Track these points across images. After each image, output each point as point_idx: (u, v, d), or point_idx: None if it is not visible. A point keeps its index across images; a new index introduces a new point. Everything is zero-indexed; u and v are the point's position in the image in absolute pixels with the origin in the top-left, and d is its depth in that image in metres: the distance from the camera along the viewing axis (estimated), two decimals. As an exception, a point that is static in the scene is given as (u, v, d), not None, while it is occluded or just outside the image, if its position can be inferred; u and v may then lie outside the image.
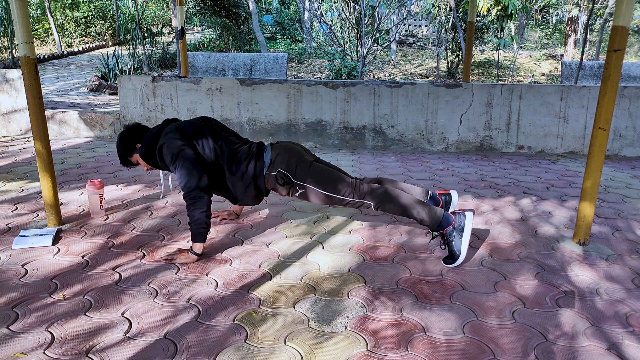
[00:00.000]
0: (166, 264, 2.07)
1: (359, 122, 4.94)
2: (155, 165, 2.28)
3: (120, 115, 5.17)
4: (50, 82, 9.76)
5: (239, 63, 7.79)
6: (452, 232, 2.10)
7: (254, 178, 2.22)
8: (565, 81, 7.57)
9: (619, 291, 1.88)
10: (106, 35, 15.80)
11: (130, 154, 2.31)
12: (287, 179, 2.20)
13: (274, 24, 17.25)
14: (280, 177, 2.20)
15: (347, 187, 2.19)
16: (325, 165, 2.31)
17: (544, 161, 4.45)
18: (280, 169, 2.19)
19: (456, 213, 2.14)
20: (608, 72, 2.10)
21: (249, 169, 2.22)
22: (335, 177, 2.20)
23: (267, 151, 2.25)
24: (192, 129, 2.22)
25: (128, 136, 2.29)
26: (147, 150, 2.22)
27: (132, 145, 2.28)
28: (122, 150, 2.30)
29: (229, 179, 2.23)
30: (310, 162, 2.24)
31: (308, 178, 2.19)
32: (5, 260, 2.08)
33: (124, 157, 2.33)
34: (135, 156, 2.31)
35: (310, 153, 2.37)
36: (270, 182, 2.24)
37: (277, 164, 2.20)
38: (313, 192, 2.20)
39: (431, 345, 1.50)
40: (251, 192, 2.26)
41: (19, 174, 3.60)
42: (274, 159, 2.22)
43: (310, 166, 2.21)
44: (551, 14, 16.35)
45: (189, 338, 1.53)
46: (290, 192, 2.24)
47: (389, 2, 10.00)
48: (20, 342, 1.49)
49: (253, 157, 2.23)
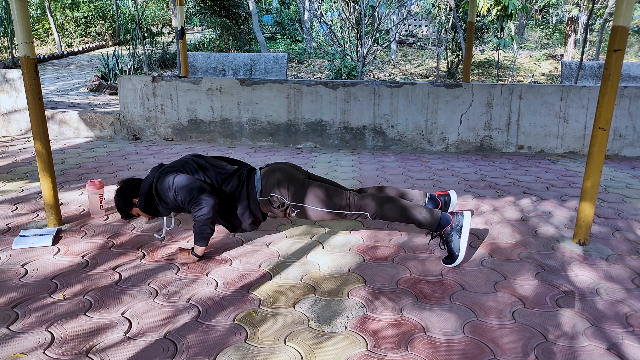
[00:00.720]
0: (166, 263, 2.08)
1: (359, 122, 4.94)
2: (156, 212, 2.33)
3: (120, 115, 5.18)
4: (50, 82, 9.76)
5: (239, 63, 7.79)
6: (451, 232, 2.10)
7: (248, 205, 2.23)
8: (565, 81, 7.57)
9: (619, 291, 1.88)
10: (106, 35, 15.80)
11: (129, 209, 2.42)
12: (282, 201, 2.19)
13: (274, 24, 17.25)
14: (274, 201, 2.20)
15: (342, 201, 2.18)
16: (318, 181, 2.31)
17: (544, 161, 4.45)
18: (273, 194, 2.19)
19: (454, 213, 2.14)
20: (608, 72, 2.10)
21: (241, 197, 2.22)
22: (329, 193, 2.19)
23: (257, 177, 2.25)
24: (181, 165, 2.27)
25: (125, 193, 2.38)
26: (146, 201, 2.26)
27: (130, 201, 2.38)
28: (122, 206, 2.42)
29: (223, 209, 2.24)
30: (301, 180, 2.23)
31: (302, 197, 2.18)
32: (5, 260, 2.08)
33: (124, 212, 2.45)
34: (134, 209, 2.41)
35: (302, 170, 2.36)
36: (265, 207, 2.25)
37: (269, 189, 2.20)
38: (309, 210, 2.19)
39: (431, 346, 1.50)
40: (247, 219, 2.26)
41: (19, 174, 3.60)
42: (264, 184, 2.21)
43: (302, 185, 2.20)
44: (551, 14, 16.35)
45: (189, 338, 1.53)
46: (286, 213, 2.24)
47: (389, 2, 10.00)
48: (20, 342, 1.49)
49: (244, 185, 2.24)
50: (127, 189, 2.37)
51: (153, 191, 2.20)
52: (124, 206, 2.40)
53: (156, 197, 2.20)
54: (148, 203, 2.25)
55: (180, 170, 2.22)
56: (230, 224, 2.29)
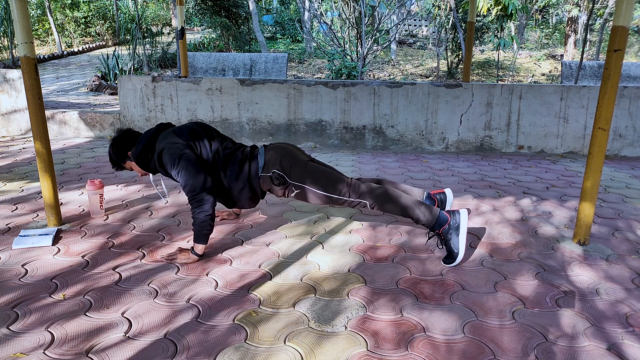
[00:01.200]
0: (166, 263, 2.08)
1: (359, 122, 4.94)
2: (150, 170, 2.29)
3: (120, 115, 5.18)
4: (50, 82, 9.76)
5: (239, 63, 7.79)
6: (449, 230, 2.10)
7: (249, 180, 2.22)
8: (565, 81, 7.57)
9: (619, 291, 1.88)
10: (106, 35, 15.80)
11: (123, 160, 2.32)
12: (282, 179, 2.19)
13: (274, 24, 17.25)
14: (275, 177, 2.19)
15: (343, 186, 2.19)
16: (321, 165, 2.31)
17: (544, 161, 4.45)
18: (275, 170, 2.19)
19: (451, 212, 2.14)
20: (608, 72, 2.10)
21: (243, 171, 2.22)
22: (330, 176, 2.20)
23: (261, 153, 2.25)
24: (189, 132, 2.23)
25: (120, 143, 2.30)
26: (140, 154, 2.22)
27: (124, 152, 2.30)
28: (115, 156, 2.32)
29: (224, 182, 2.23)
30: (304, 161, 2.24)
31: (303, 178, 2.19)
32: (5, 260, 2.08)
33: (117, 164, 2.34)
34: (128, 162, 2.33)
35: (305, 153, 2.37)
36: (265, 184, 2.24)
37: (272, 165, 2.20)
38: (309, 191, 2.19)
39: (431, 346, 1.50)
40: (246, 194, 2.25)
41: (19, 174, 3.60)
42: (267, 160, 2.21)
43: (305, 166, 2.21)
44: (551, 14, 16.35)
45: (189, 338, 1.53)
46: (286, 192, 2.24)
47: (389, 2, 10.00)
48: (20, 342, 1.49)
49: (247, 159, 2.23)
50: (123, 139, 2.29)
51: (155, 155, 2.17)
52: (117, 157, 2.30)
53: (157, 159, 2.17)
54: (143, 157, 2.20)
55: (190, 144, 2.17)
56: (229, 199, 2.28)
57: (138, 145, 2.22)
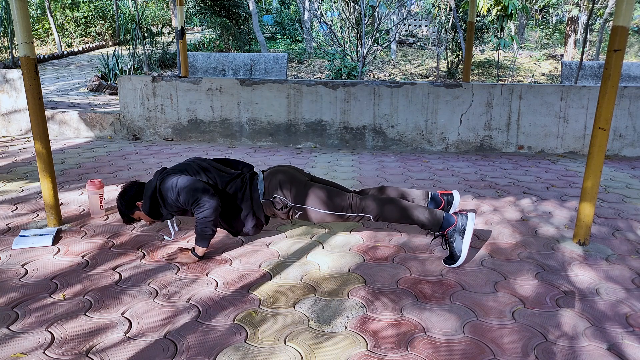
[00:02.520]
0: (166, 263, 2.07)
1: (359, 122, 4.94)
2: (159, 216, 2.29)
3: (120, 115, 5.18)
4: (50, 82, 9.76)
5: (239, 63, 7.79)
6: (454, 232, 2.10)
7: (252, 208, 2.22)
8: (565, 81, 7.57)
9: (619, 291, 1.88)
10: (106, 35, 15.80)
11: (132, 212, 2.34)
12: (285, 203, 2.19)
13: (274, 24, 17.25)
14: (277, 202, 2.19)
15: (344, 203, 2.18)
16: (321, 183, 2.31)
17: (544, 161, 4.45)
18: (276, 195, 2.19)
19: (458, 214, 2.14)
20: (608, 72, 2.10)
21: (245, 200, 2.22)
22: (332, 195, 2.19)
23: (260, 179, 2.25)
24: (184, 167, 2.26)
25: (128, 196, 2.31)
26: (150, 204, 2.22)
27: (132, 204, 2.31)
28: (125, 210, 2.33)
29: (226, 212, 2.23)
30: (304, 182, 2.24)
31: (305, 199, 2.18)
32: (5, 260, 2.08)
33: (126, 216, 2.36)
34: (137, 213, 2.34)
35: (304, 172, 2.37)
36: (268, 209, 2.24)
37: (272, 191, 2.20)
38: (312, 212, 2.19)
39: (431, 346, 1.50)
40: (250, 222, 2.25)
41: (19, 174, 3.60)
42: (267, 186, 2.21)
43: (305, 186, 2.21)
44: (551, 14, 16.35)
45: (189, 338, 1.53)
46: (289, 215, 2.24)
47: (389, 2, 10.00)
48: (20, 342, 1.49)
49: (247, 187, 2.23)
50: (131, 192, 2.32)
51: (157, 194, 2.19)
52: (127, 209, 2.34)
53: (160, 199, 2.19)
54: (152, 206, 2.22)
55: (183, 172, 2.22)
56: (233, 227, 2.28)
57: (145, 200, 2.23)
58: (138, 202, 2.31)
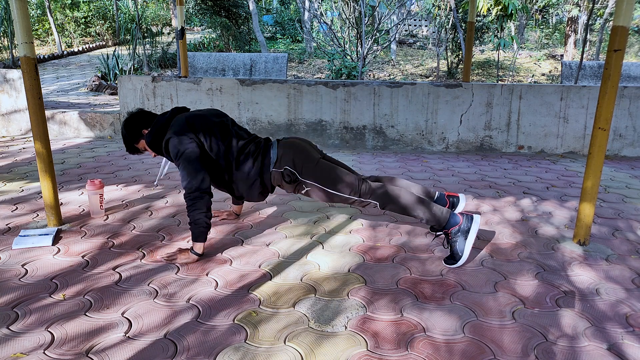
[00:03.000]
0: (166, 263, 2.07)
1: (359, 122, 4.93)
2: (161, 153, 2.27)
3: (120, 115, 5.17)
4: (50, 82, 9.76)
5: (239, 63, 7.79)
6: (457, 232, 2.09)
7: (260, 175, 2.22)
8: (565, 81, 7.57)
9: (619, 291, 1.88)
10: (106, 35, 15.80)
11: (136, 140, 2.28)
12: (294, 176, 2.19)
13: (274, 24, 17.25)
14: (287, 174, 2.19)
15: (353, 186, 2.18)
16: (332, 163, 2.30)
17: (544, 161, 4.45)
18: (287, 167, 2.18)
19: (464, 214, 2.13)
20: (608, 72, 2.10)
21: (255, 165, 2.21)
22: (341, 176, 2.19)
23: (274, 148, 2.24)
24: (201, 122, 2.20)
25: (134, 122, 2.26)
26: (153, 138, 2.20)
27: (138, 131, 2.25)
28: (128, 136, 2.26)
29: (235, 175, 2.23)
30: (317, 159, 2.23)
31: (315, 176, 2.18)
32: (5, 260, 2.08)
33: (130, 144, 2.29)
34: (141, 142, 2.28)
35: (317, 149, 2.35)
36: (276, 179, 2.23)
37: (284, 162, 2.19)
38: (319, 190, 2.19)
39: (431, 346, 1.50)
40: (257, 189, 2.25)
41: (19, 174, 3.60)
42: (280, 156, 2.20)
43: (317, 163, 2.20)
44: (551, 14, 16.35)
45: (189, 338, 1.53)
46: (296, 189, 2.24)
47: (389, 2, 10.00)
48: (20, 342, 1.49)
49: (260, 153, 2.23)
50: (136, 119, 2.25)
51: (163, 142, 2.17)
52: (131, 136, 2.25)
53: (164, 146, 2.17)
54: (156, 141, 2.19)
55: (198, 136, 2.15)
56: (239, 191, 2.27)
57: (153, 128, 2.20)
58: (144, 130, 2.25)
